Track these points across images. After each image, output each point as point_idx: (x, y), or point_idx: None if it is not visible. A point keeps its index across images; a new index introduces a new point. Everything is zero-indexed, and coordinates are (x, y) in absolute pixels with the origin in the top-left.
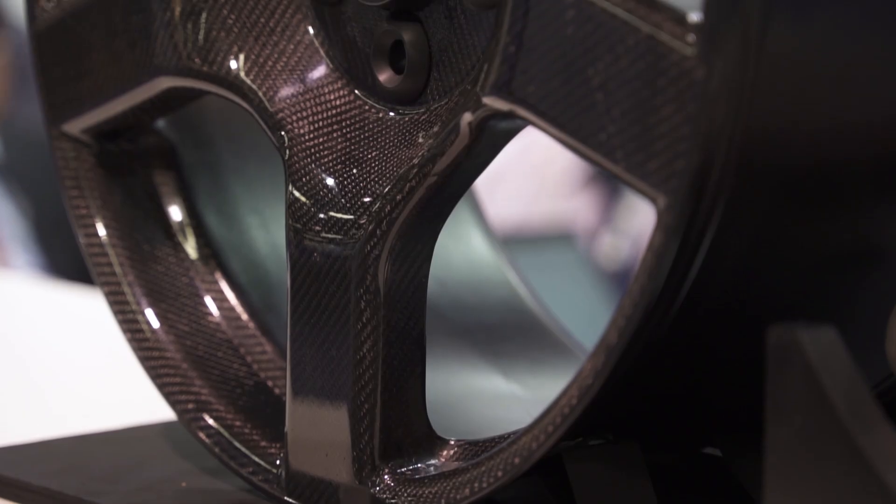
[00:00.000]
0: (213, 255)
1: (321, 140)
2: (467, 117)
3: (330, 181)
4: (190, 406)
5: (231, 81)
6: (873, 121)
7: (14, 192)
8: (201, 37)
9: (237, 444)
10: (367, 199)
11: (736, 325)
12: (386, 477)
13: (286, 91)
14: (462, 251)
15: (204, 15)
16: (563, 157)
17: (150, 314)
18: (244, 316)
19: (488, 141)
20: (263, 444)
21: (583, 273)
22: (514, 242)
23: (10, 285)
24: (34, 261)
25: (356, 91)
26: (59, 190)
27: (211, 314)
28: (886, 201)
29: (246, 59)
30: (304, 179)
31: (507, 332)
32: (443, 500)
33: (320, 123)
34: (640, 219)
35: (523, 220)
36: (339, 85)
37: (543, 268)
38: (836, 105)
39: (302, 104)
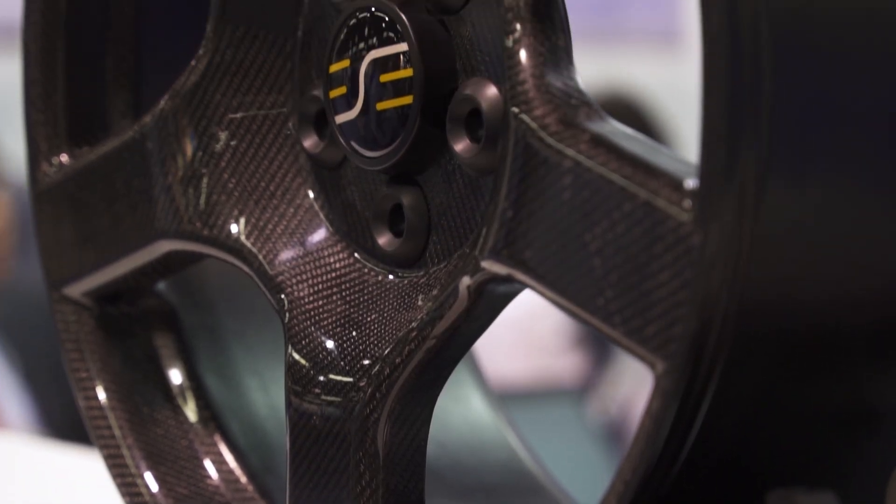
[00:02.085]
0: (212, 417)
1: (321, 303)
2: (466, 281)
3: (329, 344)
4: None
5: (231, 245)
6: (871, 287)
7: (9, 347)
8: (202, 200)
9: None
10: (366, 362)
11: (736, 487)
12: None
13: (286, 254)
14: (461, 413)
15: (205, 179)
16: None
17: (149, 478)
18: (243, 479)
19: (487, 305)
20: None
21: (576, 430)
22: (507, 398)
23: (5, 445)
24: (29, 416)
25: (356, 254)
26: (56, 348)
27: (210, 477)
28: (884, 368)
29: (246, 222)
30: (303, 342)
31: (507, 494)
32: None
33: (320, 286)
34: (633, 373)
35: (515, 375)
36: (339, 248)
37: (538, 424)
38: (834, 271)
39: (302, 267)
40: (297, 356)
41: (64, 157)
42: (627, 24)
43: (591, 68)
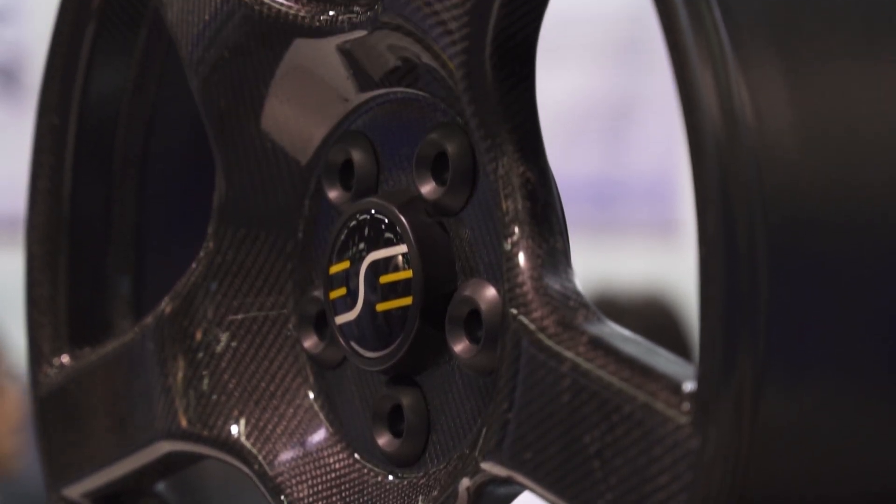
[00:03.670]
0: None
1: None
2: (465, 482)
3: None
4: None
5: (231, 445)
6: (868, 490)
7: None
8: (202, 401)
9: None
10: None
11: None
12: None
13: (286, 455)
14: None
15: (205, 380)
16: None
17: None
18: None
19: None
20: None
21: None
22: None
23: None
24: None
25: (355, 454)
26: None
27: None
28: None
29: (246, 423)
30: None
31: None
32: None
33: (320, 487)
34: None
35: None
36: (339, 448)
37: None
38: (831, 474)
39: (301, 468)
40: None
41: (65, 359)
42: (625, 217)
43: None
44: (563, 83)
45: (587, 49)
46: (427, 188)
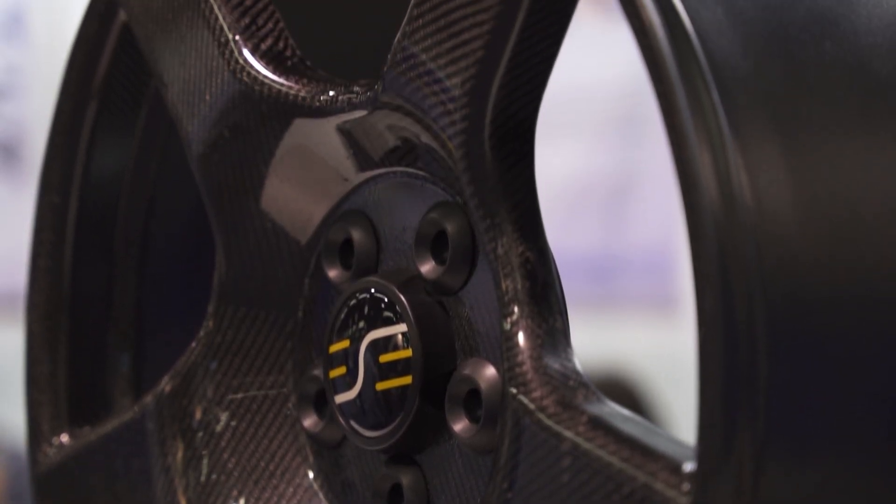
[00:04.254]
0: None
1: None
2: None
3: None
4: None
5: None
6: None
7: None
8: (202, 481)
9: None
10: None
11: None
12: None
13: None
14: None
15: (205, 460)
16: None
17: None
18: None
19: None
20: None
21: None
22: None
23: None
24: None
25: None
26: None
27: None
28: None
29: (246, 503)
30: None
31: None
32: None
33: None
34: None
35: None
36: None
37: None
38: None
39: None
40: None
41: (65, 437)
42: (624, 292)
43: (587, 337)
44: (562, 158)
45: (586, 124)
46: (427, 267)
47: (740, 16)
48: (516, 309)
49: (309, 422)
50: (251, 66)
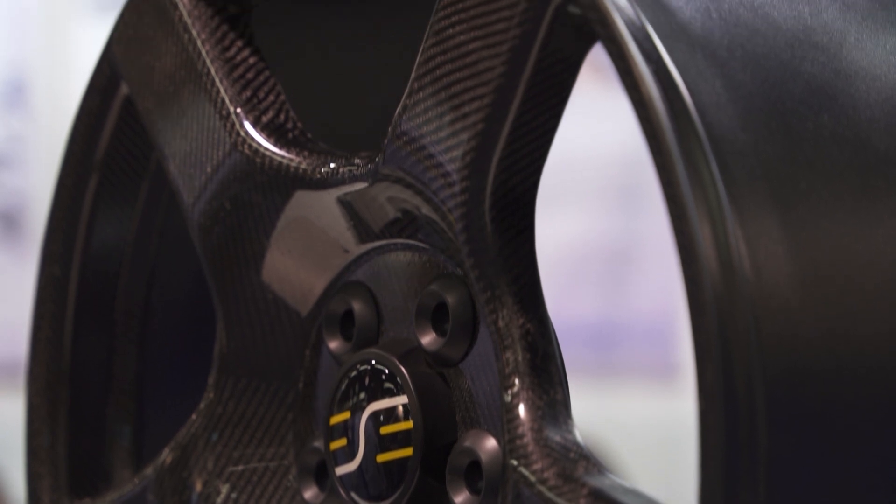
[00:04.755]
0: None
1: None
2: None
3: None
4: None
5: None
6: None
7: None
8: None
9: None
10: None
11: None
12: None
13: None
14: None
15: None
16: None
17: None
18: None
19: None
20: None
21: None
22: None
23: None
24: None
25: None
26: None
27: None
28: None
29: None
30: None
31: None
32: None
33: None
34: None
35: None
36: None
37: None
38: None
39: None
40: None
41: None
42: (624, 360)
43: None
44: (562, 227)
45: (586, 193)
46: (427, 339)
47: (739, 89)
48: (517, 381)
49: (310, 494)
50: (252, 139)
